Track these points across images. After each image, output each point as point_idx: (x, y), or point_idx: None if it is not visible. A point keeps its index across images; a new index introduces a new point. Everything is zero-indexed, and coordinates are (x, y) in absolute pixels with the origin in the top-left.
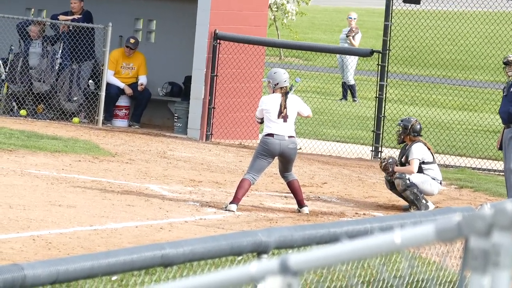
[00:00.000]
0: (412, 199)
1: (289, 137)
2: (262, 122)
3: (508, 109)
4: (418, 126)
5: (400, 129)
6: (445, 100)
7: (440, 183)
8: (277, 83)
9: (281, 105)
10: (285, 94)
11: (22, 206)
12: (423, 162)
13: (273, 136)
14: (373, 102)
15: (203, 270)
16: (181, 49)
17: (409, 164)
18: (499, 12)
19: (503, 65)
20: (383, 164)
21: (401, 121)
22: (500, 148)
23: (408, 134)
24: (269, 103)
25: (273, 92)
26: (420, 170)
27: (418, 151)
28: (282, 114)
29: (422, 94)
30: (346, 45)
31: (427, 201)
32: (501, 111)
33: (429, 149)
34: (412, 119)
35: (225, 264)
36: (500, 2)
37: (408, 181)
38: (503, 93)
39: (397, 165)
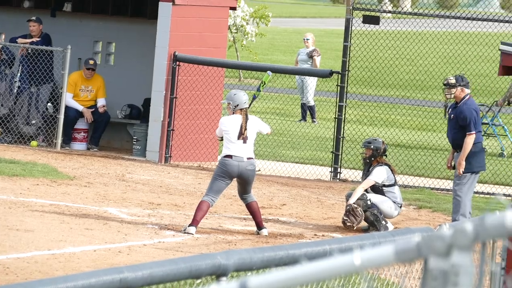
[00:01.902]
0: (372, 220)
1: (248, 158)
2: (222, 139)
3: (454, 137)
4: (386, 147)
5: (370, 152)
6: (404, 121)
7: (400, 206)
8: (237, 105)
9: (241, 127)
10: (245, 116)
11: None
12: (384, 185)
13: (231, 158)
14: (332, 123)
15: None
16: (141, 72)
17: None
18: (457, 32)
19: (443, 86)
20: (351, 211)
21: (368, 143)
22: (451, 167)
23: (378, 155)
24: (229, 124)
25: (233, 114)
26: (381, 193)
27: (380, 173)
28: (242, 135)
29: (381, 115)
30: (306, 66)
31: (386, 222)
32: (449, 137)
33: (392, 171)
34: (380, 140)
35: (184, 287)
36: (459, 22)
37: (368, 202)
38: (445, 116)
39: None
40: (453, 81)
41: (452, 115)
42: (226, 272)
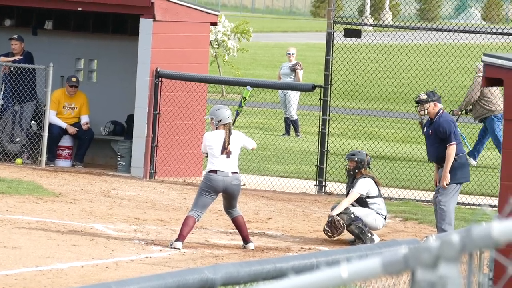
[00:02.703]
0: (357, 233)
1: (233, 173)
2: (207, 155)
3: (436, 152)
4: (370, 159)
5: (354, 164)
6: (387, 133)
7: (385, 218)
8: (220, 120)
9: (224, 141)
10: (228, 131)
11: None
12: (368, 197)
13: (216, 173)
14: (316, 137)
15: None
16: (123, 88)
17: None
18: (440, 44)
19: (415, 104)
20: (332, 223)
21: (352, 155)
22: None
23: (362, 167)
24: (212, 139)
25: (216, 129)
26: (366, 205)
27: (364, 185)
28: (226, 150)
29: (365, 128)
30: (288, 80)
31: (372, 235)
32: (429, 155)
33: (376, 183)
34: (363, 152)
35: None
36: (441, 34)
37: (352, 215)
38: (423, 133)
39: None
40: (424, 97)
41: (430, 131)
42: (214, 286)
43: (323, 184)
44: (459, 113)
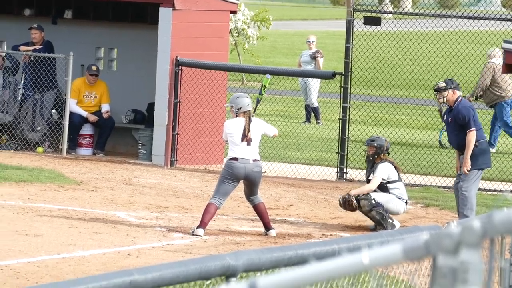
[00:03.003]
0: (378, 219)
1: (254, 160)
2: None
3: (457, 139)
4: (388, 145)
5: (373, 149)
6: (408, 120)
7: (406, 202)
8: (240, 108)
9: (244, 129)
10: (248, 118)
11: None
12: (388, 182)
13: (237, 160)
14: (336, 124)
15: None
16: (144, 77)
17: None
18: (459, 31)
19: (434, 92)
20: (347, 201)
21: (372, 141)
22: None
23: (382, 153)
24: (233, 127)
25: (236, 117)
26: (386, 190)
27: (384, 170)
28: (246, 137)
29: (386, 115)
30: (309, 67)
31: (393, 220)
32: (450, 142)
33: (396, 168)
34: (382, 138)
35: None
36: (461, 21)
37: (373, 201)
38: (443, 120)
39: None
40: (443, 85)
41: (450, 118)
42: (236, 273)
43: (344, 171)
44: (471, 99)
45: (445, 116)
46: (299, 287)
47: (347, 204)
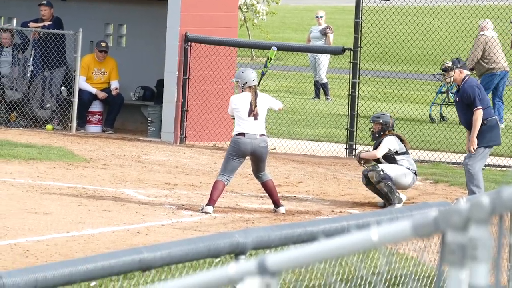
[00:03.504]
0: (386, 191)
1: (261, 135)
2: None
3: (465, 118)
4: (393, 121)
5: (379, 126)
6: (417, 96)
7: (415, 173)
8: (246, 82)
9: (251, 103)
10: (254, 93)
11: None
12: (397, 153)
13: (244, 136)
14: (346, 100)
15: (181, 273)
16: (153, 53)
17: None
18: (469, 5)
19: (441, 72)
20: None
21: (377, 117)
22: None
23: (387, 129)
24: (239, 102)
25: (242, 92)
26: (394, 162)
27: (390, 141)
28: (253, 112)
29: (395, 90)
30: (319, 43)
31: (399, 193)
32: (461, 121)
33: (403, 141)
34: (387, 114)
35: (203, 266)
36: None
37: (382, 173)
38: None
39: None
40: (449, 64)
41: (457, 98)
42: (245, 250)
43: (354, 147)
44: None
45: (455, 96)
46: (308, 264)
47: (360, 161)
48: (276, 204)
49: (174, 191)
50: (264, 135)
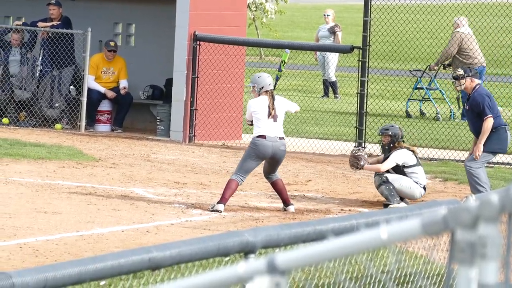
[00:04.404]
0: (386, 194)
1: (280, 138)
2: (252, 124)
3: (475, 126)
4: (403, 132)
5: (388, 138)
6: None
7: (424, 188)
8: (262, 87)
9: (269, 107)
10: (272, 96)
11: (8, 214)
12: (405, 166)
13: (265, 138)
14: (354, 98)
15: (191, 272)
16: (161, 52)
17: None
18: (478, 3)
19: (452, 80)
20: (356, 154)
21: (386, 129)
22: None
23: (397, 141)
24: (258, 105)
25: (259, 96)
26: (403, 174)
27: (399, 155)
28: (271, 114)
29: (404, 89)
30: (327, 42)
31: (402, 199)
32: (471, 129)
33: (413, 152)
34: (396, 126)
35: (213, 265)
36: None
37: (384, 178)
38: (458, 108)
39: (368, 162)
40: (461, 72)
41: (467, 106)
42: (254, 249)
43: (363, 145)
44: (435, 68)
45: (465, 104)
46: (317, 263)
47: (354, 161)
48: (286, 203)
49: (183, 190)
50: (283, 138)
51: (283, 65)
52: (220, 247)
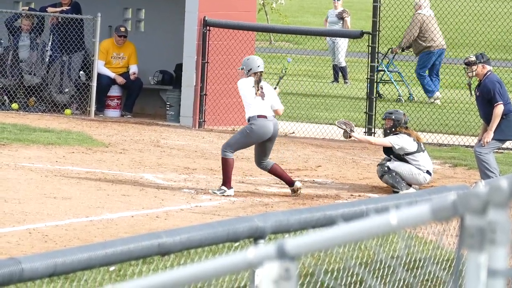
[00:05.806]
0: (391, 183)
1: (274, 116)
2: None
3: (485, 112)
4: (407, 118)
5: (391, 122)
6: None
7: (429, 173)
8: (250, 69)
9: (254, 87)
10: (258, 78)
11: (17, 200)
12: (406, 154)
13: (266, 118)
14: (364, 84)
15: (200, 257)
16: (171, 37)
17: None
18: None
19: (464, 66)
20: (344, 121)
21: (389, 113)
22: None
23: (399, 126)
24: (245, 84)
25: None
26: (405, 161)
27: (396, 139)
28: (257, 92)
29: (413, 74)
30: (335, 27)
31: (410, 185)
32: (481, 115)
33: (416, 138)
34: (401, 111)
35: (222, 250)
36: None
37: (385, 168)
38: (471, 94)
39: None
40: (473, 59)
41: (478, 92)
42: (264, 234)
43: (372, 130)
44: (397, 51)
45: (476, 90)
46: (327, 248)
47: (345, 129)
48: (291, 183)
49: (193, 176)
50: (274, 116)
51: (285, 70)
52: (229, 233)
